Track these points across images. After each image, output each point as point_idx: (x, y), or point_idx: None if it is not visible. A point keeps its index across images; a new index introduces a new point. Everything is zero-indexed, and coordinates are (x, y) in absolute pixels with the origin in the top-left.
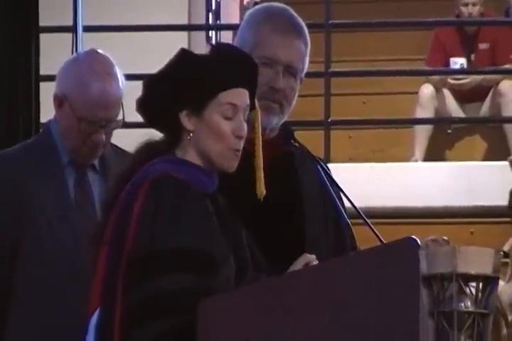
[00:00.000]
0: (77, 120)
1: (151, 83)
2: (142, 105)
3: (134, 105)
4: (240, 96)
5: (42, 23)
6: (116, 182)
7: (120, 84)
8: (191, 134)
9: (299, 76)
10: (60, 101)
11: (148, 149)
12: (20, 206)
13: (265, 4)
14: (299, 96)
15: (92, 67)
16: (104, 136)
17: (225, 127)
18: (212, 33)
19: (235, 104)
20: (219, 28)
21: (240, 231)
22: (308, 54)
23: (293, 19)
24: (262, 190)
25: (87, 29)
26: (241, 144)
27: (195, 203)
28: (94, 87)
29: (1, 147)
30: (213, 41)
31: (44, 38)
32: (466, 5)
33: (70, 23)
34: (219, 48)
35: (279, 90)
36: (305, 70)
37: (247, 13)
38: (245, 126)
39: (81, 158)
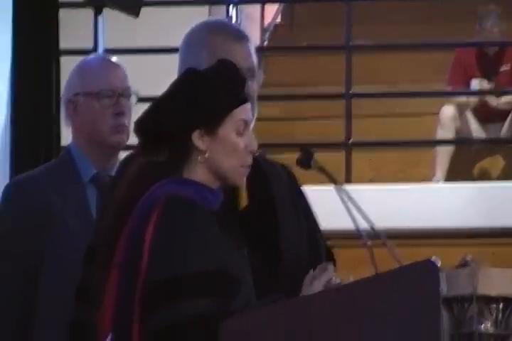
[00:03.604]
0: (97, 99)
1: (159, 104)
2: (145, 126)
3: None
4: (248, 111)
5: (62, 46)
6: (122, 205)
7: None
8: (206, 154)
9: (256, 76)
10: (73, 102)
11: (153, 171)
12: (45, 225)
13: (200, 23)
14: (320, 117)
15: (93, 58)
16: (124, 108)
17: (240, 143)
18: None
19: (246, 119)
20: None
21: (243, 247)
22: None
23: (235, 26)
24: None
25: (108, 51)
26: (251, 159)
27: (206, 223)
28: (100, 64)
29: (23, 170)
30: None
31: (64, 61)
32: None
33: (91, 45)
34: (223, 64)
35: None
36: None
37: (185, 37)
38: (255, 140)
39: (112, 145)
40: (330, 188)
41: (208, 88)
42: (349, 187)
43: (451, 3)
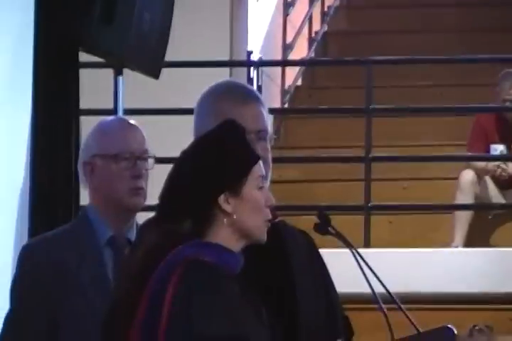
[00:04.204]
0: (115, 161)
1: (177, 178)
2: (170, 198)
3: None
4: (261, 165)
5: (83, 106)
6: (141, 271)
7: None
8: (234, 216)
9: (269, 137)
10: (90, 164)
11: (173, 236)
12: (60, 287)
13: (209, 88)
14: (341, 180)
15: (111, 120)
16: (142, 170)
17: (261, 198)
18: None
19: (263, 174)
20: None
21: (261, 312)
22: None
23: (245, 87)
24: None
25: (128, 112)
26: (270, 213)
27: (227, 288)
28: (118, 126)
29: (41, 230)
30: None
31: (85, 121)
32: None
33: (111, 105)
34: (231, 123)
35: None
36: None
37: (197, 102)
38: (270, 194)
39: (129, 207)
40: (347, 251)
41: (224, 151)
42: (367, 251)
43: (472, 68)
